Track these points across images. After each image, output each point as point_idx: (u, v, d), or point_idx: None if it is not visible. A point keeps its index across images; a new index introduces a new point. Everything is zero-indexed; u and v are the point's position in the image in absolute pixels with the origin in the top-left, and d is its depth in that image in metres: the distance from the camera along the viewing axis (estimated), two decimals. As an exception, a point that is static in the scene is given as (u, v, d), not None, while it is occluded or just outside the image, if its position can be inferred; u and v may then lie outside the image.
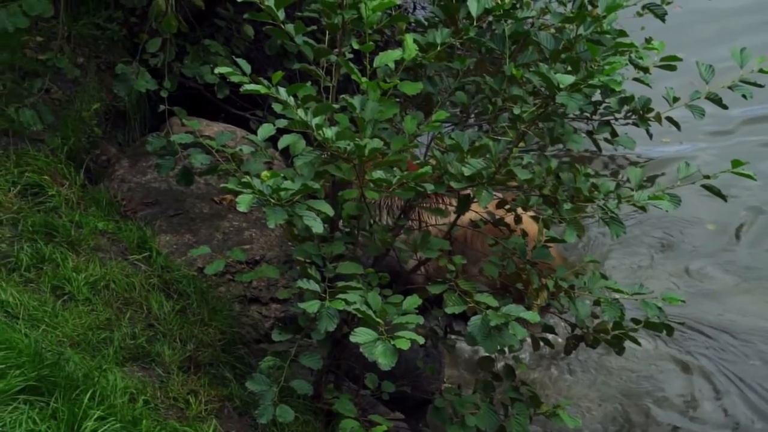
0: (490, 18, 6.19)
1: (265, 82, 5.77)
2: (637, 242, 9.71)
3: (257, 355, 6.68)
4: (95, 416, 5.59)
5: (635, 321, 6.40)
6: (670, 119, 6.93)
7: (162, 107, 8.49)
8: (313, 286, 5.62)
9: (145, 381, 6.27)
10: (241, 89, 5.88)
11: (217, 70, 6.49)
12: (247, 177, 5.58)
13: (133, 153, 8.68)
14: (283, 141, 5.81)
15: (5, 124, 8.15)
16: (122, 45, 9.23)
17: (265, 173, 5.50)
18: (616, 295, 6.22)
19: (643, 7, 6.75)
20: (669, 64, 6.38)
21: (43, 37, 9.06)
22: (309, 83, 5.96)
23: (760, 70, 6.34)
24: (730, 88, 6.46)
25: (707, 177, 6.10)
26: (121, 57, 8.95)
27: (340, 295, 5.53)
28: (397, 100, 5.78)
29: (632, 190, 5.97)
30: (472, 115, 6.74)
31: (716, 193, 6.12)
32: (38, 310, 6.45)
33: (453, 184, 5.86)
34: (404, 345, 5.16)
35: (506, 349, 6.32)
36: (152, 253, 7.45)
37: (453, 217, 6.39)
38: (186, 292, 7.15)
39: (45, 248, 7.00)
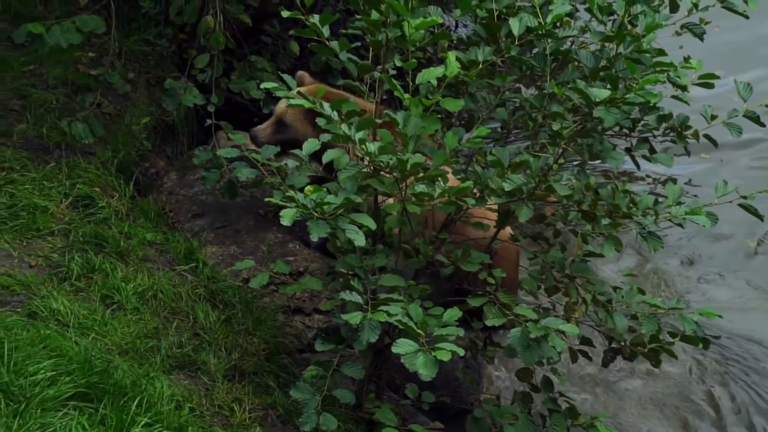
0: (531, 37, 6.17)
1: (310, 97, 5.80)
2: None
3: (300, 365, 6.69)
4: (142, 423, 5.62)
5: (672, 334, 6.36)
6: (707, 137, 6.89)
7: (209, 121, 8.56)
8: (356, 297, 5.63)
9: (191, 389, 6.29)
10: (286, 104, 5.92)
11: (262, 86, 6.55)
12: (291, 191, 5.60)
13: (181, 166, 8.74)
14: (328, 155, 5.83)
15: (58, 137, 8.23)
16: (171, 61, 9.31)
17: (308, 187, 5.52)
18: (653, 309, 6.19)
19: (682, 27, 6.70)
20: (706, 81, 6.34)
21: (95, 52, 9.16)
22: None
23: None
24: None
25: (744, 197, 6.08)
26: (170, 72, 9.02)
27: (382, 307, 5.53)
28: (439, 116, 5.78)
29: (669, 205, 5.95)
30: (513, 132, 6.71)
31: (753, 212, 6.08)
32: (88, 319, 6.49)
33: (493, 198, 5.86)
34: (445, 356, 5.17)
35: (545, 361, 6.28)
36: (199, 264, 7.48)
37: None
38: (231, 303, 7.18)
39: (95, 258, 7.05)
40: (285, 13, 6.05)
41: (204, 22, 8.66)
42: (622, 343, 6.47)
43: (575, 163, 6.60)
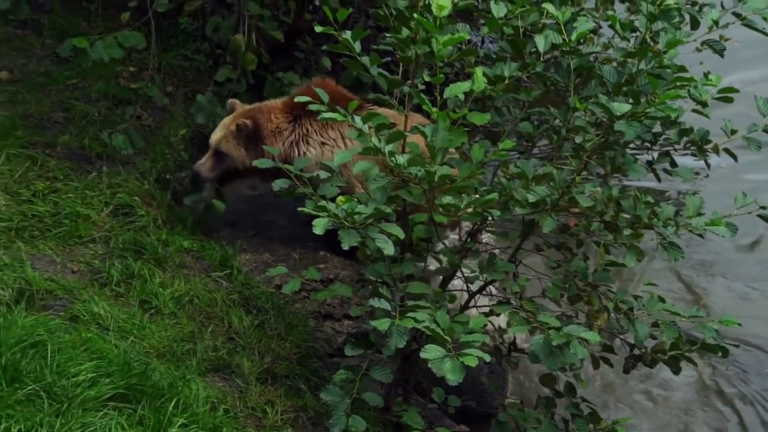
0: (556, 53, 6.16)
1: (342, 110, 5.81)
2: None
3: (330, 369, 6.70)
4: (179, 423, 5.66)
5: (692, 342, 6.32)
6: (727, 151, 6.85)
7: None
8: (384, 304, 5.63)
9: (225, 391, 6.31)
10: (318, 117, 5.93)
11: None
12: (323, 201, 5.61)
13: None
14: (358, 167, 5.84)
15: (99, 148, 8.28)
16: (208, 75, 9.35)
17: (340, 198, 5.53)
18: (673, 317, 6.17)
19: (702, 44, 6.68)
20: (726, 96, 6.30)
21: (136, 67, 9.23)
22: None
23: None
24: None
25: (764, 207, 6.06)
26: (206, 86, 9.06)
27: (410, 314, 5.53)
28: (466, 129, 5.78)
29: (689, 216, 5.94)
30: (537, 145, 6.70)
31: (772, 221, 6.07)
32: (127, 323, 6.53)
33: (518, 209, 5.85)
34: (472, 362, 5.16)
35: (567, 367, 6.26)
36: (233, 270, 7.51)
37: None
38: (264, 308, 7.20)
39: (134, 265, 7.09)
40: (318, 29, 6.06)
41: (234, 42, 8.70)
42: (643, 350, 6.44)
43: (602, 174, 6.56)
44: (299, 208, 5.72)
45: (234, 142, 7.78)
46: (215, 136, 7.86)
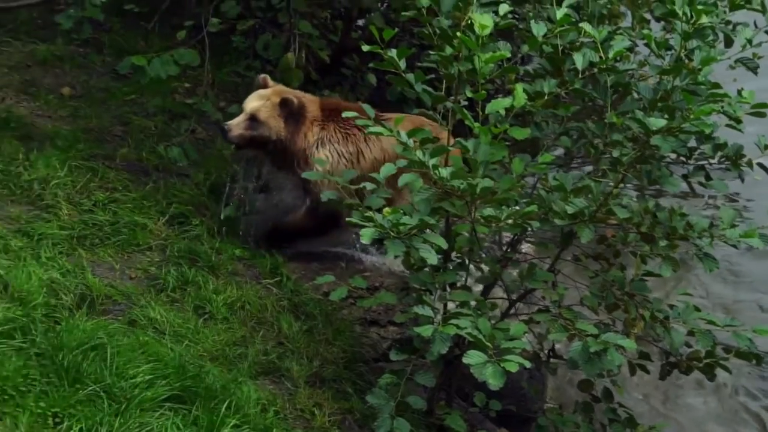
0: (594, 70, 6.17)
1: (387, 125, 5.85)
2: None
3: (376, 373, 6.71)
4: (231, 424, 5.71)
5: (726, 350, 6.30)
6: (761, 165, 6.83)
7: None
8: (428, 311, 5.66)
9: (275, 393, 6.35)
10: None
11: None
12: (370, 212, 5.66)
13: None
14: (403, 179, 5.87)
15: (156, 160, 8.38)
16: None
17: (386, 209, 5.58)
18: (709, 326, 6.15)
19: (736, 61, 6.66)
20: (759, 111, 6.29)
21: (191, 83, 9.33)
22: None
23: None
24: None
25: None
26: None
27: (453, 321, 5.56)
28: (507, 143, 5.80)
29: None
30: (576, 158, 6.71)
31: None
32: (182, 327, 6.59)
33: (557, 221, 5.86)
34: (513, 368, 5.19)
35: (605, 373, 6.26)
36: (283, 278, 7.56)
37: None
38: (313, 314, 7.24)
39: (189, 272, 7.16)
40: (365, 48, 6.11)
41: (284, 60, 8.77)
42: (679, 358, 6.43)
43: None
44: (347, 218, 5.78)
45: (274, 113, 7.75)
46: (253, 104, 7.78)
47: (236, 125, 7.71)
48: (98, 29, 9.51)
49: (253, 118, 7.72)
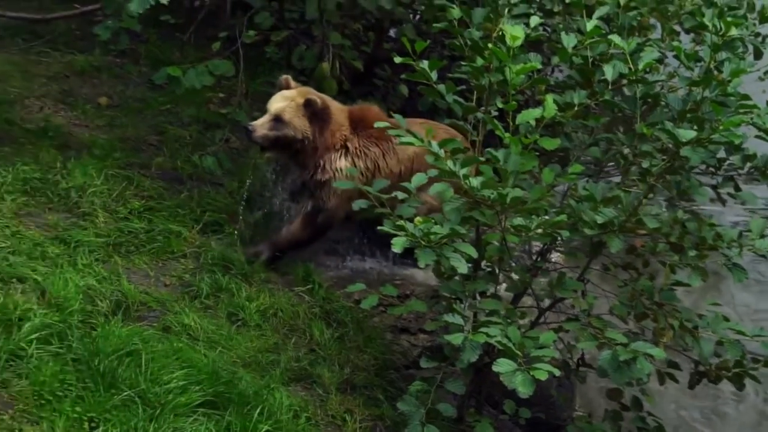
0: (623, 81, 6.16)
1: (419, 135, 5.86)
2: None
3: (406, 380, 6.71)
4: (264, 430, 5.74)
5: (755, 360, 6.26)
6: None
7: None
8: (458, 320, 5.66)
9: (307, 400, 6.36)
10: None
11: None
12: (401, 221, 5.66)
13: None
14: (434, 189, 5.87)
15: (190, 169, 8.41)
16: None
17: (418, 218, 5.59)
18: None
19: (765, 73, 6.62)
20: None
21: (225, 93, 9.37)
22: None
23: None
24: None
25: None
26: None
27: (483, 329, 5.55)
28: (537, 153, 5.79)
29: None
30: (605, 169, 6.69)
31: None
32: (216, 334, 6.62)
33: (586, 230, 5.84)
34: (542, 376, 5.18)
35: (634, 382, 6.23)
36: (315, 285, 7.56)
37: None
38: (344, 321, 7.25)
39: (222, 279, 7.18)
40: (397, 59, 6.12)
41: (319, 69, 8.80)
42: (708, 367, 6.39)
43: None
44: (378, 228, 5.79)
45: (299, 113, 7.64)
46: (277, 105, 7.67)
47: (260, 126, 7.60)
48: (135, 40, 9.56)
49: (277, 119, 7.62)
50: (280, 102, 7.67)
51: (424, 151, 6.79)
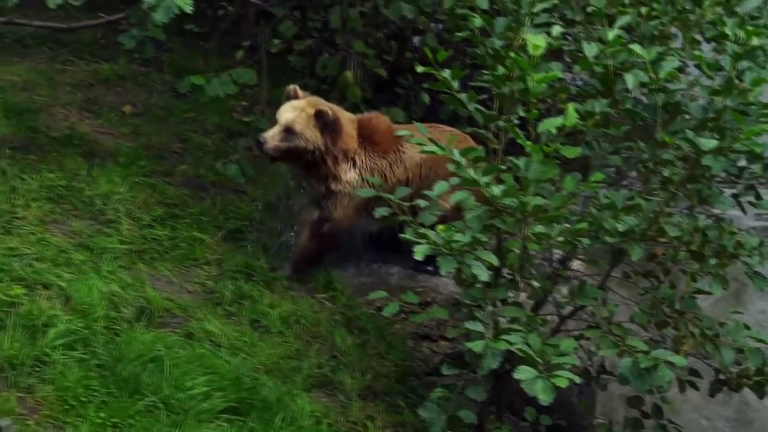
0: (644, 90, 6.14)
1: (441, 143, 5.85)
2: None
3: (427, 387, 6.71)
4: (286, 436, 5.74)
5: (776, 368, 6.23)
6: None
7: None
8: (479, 327, 5.65)
9: (328, 406, 6.37)
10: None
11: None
12: (423, 228, 5.66)
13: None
14: (455, 197, 5.86)
15: (213, 177, 8.43)
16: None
17: (440, 227, 5.58)
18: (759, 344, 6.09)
19: (787, 82, 6.57)
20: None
21: (248, 102, 9.37)
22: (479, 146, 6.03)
23: None
24: None
25: None
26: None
27: (504, 336, 5.54)
28: (558, 162, 5.78)
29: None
30: (626, 177, 6.66)
31: None
32: (238, 340, 6.64)
33: (607, 238, 5.83)
34: (562, 383, 5.17)
35: (655, 389, 6.21)
36: (337, 292, 7.57)
37: None
38: (365, 329, 7.25)
39: (245, 286, 7.20)
40: (419, 69, 6.12)
41: (343, 77, 8.81)
42: (729, 375, 6.35)
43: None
44: (401, 235, 5.79)
45: (310, 124, 7.54)
46: (287, 115, 7.57)
47: (271, 137, 7.52)
48: (159, 49, 9.57)
49: (288, 130, 7.53)
50: (290, 113, 7.60)
51: (431, 158, 7.15)
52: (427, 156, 7.35)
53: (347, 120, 7.82)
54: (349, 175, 7.70)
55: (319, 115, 7.56)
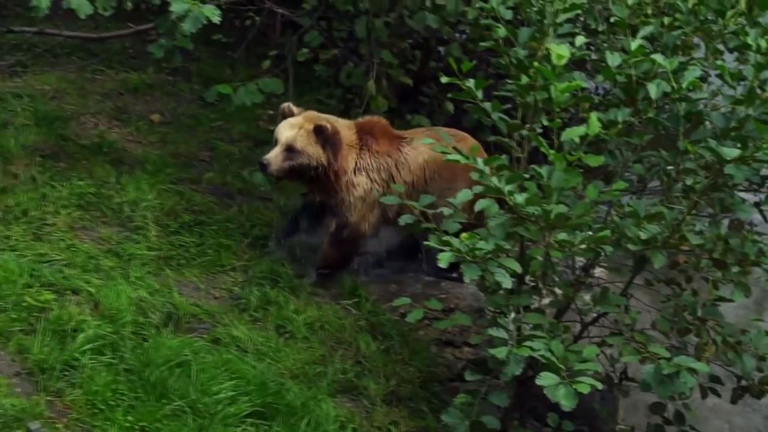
0: (667, 100, 6.13)
1: (464, 152, 5.86)
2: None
3: (451, 392, 6.69)
4: (310, 440, 5.75)
5: (797, 375, 6.20)
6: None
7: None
8: (502, 333, 5.65)
9: (353, 411, 6.38)
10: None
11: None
12: (447, 236, 5.67)
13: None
14: (479, 204, 5.87)
15: (240, 184, 8.47)
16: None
17: (464, 234, 5.59)
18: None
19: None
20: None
21: (274, 110, 9.38)
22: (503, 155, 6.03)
23: None
24: None
25: None
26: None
27: (527, 343, 5.54)
28: (581, 170, 5.77)
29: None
30: (648, 186, 6.64)
31: None
32: (264, 346, 6.65)
33: (630, 246, 5.82)
34: (584, 389, 5.16)
35: (676, 396, 6.18)
36: (361, 299, 7.57)
37: None
38: (390, 334, 7.24)
39: (270, 292, 7.21)
40: (444, 79, 6.13)
41: (366, 88, 8.83)
42: (750, 382, 6.33)
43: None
44: (425, 242, 5.80)
45: (311, 140, 7.46)
46: (287, 134, 7.47)
47: (274, 158, 7.43)
48: (187, 58, 9.65)
49: (290, 149, 7.45)
50: (288, 131, 7.51)
51: (435, 160, 7.40)
52: (430, 157, 7.52)
53: (345, 127, 7.79)
54: (356, 180, 7.67)
55: (319, 131, 7.49)
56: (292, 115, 7.64)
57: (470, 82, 6.06)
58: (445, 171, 7.63)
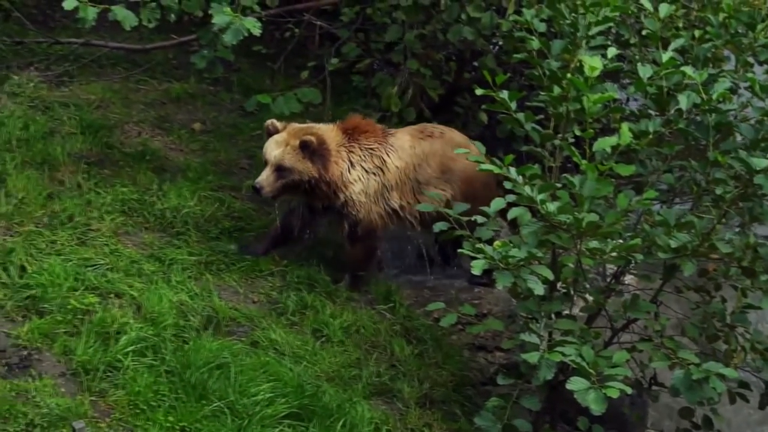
0: (697, 111, 6.11)
1: (498, 161, 5.86)
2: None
3: (483, 396, 6.70)
4: (346, 442, 5.76)
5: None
6: None
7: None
8: (534, 339, 5.65)
9: (387, 413, 6.38)
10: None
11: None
12: (481, 243, 5.67)
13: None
14: (512, 213, 5.87)
15: (278, 192, 8.46)
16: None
17: (497, 242, 5.59)
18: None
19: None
20: None
21: (312, 120, 9.39)
22: (535, 164, 6.03)
23: None
24: None
25: None
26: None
27: (558, 348, 5.54)
28: (612, 179, 5.76)
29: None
30: (679, 195, 6.62)
31: None
32: (301, 349, 6.67)
33: (660, 254, 5.80)
34: (614, 393, 5.16)
35: (705, 401, 6.15)
36: (396, 304, 7.58)
37: None
38: (423, 339, 7.26)
39: (307, 297, 7.24)
40: (479, 91, 6.14)
41: (387, 92, 8.83)
42: (778, 389, 6.30)
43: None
44: (459, 250, 5.81)
45: (299, 156, 7.42)
46: (274, 152, 7.44)
47: (266, 180, 7.40)
48: (228, 69, 9.68)
49: (279, 168, 7.41)
50: (275, 149, 7.47)
51: (423, 149, 7.64)
52: (418, 146, 7.72)
53: (330, 131, 7.74)
54: (352, 176, 7.64)
55: (305, 146, 7.44)
56: (276, 131, 7.60)
57: (504, 94, 6.07)
58: (432, 159, 7.68)
